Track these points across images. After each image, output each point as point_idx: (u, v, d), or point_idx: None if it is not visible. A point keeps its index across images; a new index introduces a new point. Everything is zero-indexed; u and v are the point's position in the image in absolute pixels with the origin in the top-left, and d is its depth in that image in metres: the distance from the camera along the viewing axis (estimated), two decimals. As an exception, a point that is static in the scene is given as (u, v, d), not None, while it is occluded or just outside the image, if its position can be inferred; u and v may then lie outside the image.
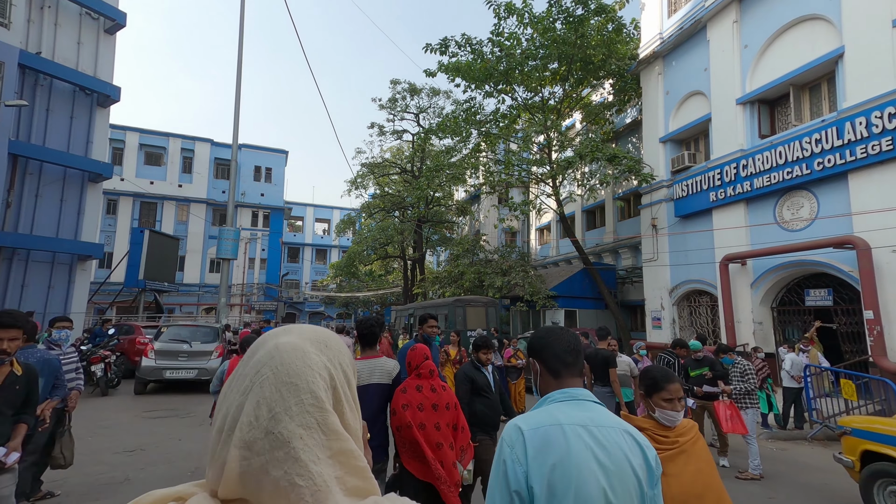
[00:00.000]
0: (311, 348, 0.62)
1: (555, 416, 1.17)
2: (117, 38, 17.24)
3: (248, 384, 0.58)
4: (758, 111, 10.17)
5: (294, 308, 43.39)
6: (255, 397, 0.57)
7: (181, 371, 9.38)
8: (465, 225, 30.41)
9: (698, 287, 11.53)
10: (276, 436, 0.54)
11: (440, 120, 18.40)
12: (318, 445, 0.56)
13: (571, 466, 1.08)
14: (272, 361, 0.59)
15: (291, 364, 0.59)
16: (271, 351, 0.61)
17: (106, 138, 17.30)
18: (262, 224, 35.76)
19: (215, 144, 34.03)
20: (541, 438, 1.12)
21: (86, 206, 16.71)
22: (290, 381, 0.58)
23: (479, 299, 15.17)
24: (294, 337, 0.63)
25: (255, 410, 0.55)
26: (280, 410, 0.55)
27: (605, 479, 1.08)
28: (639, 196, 18.38)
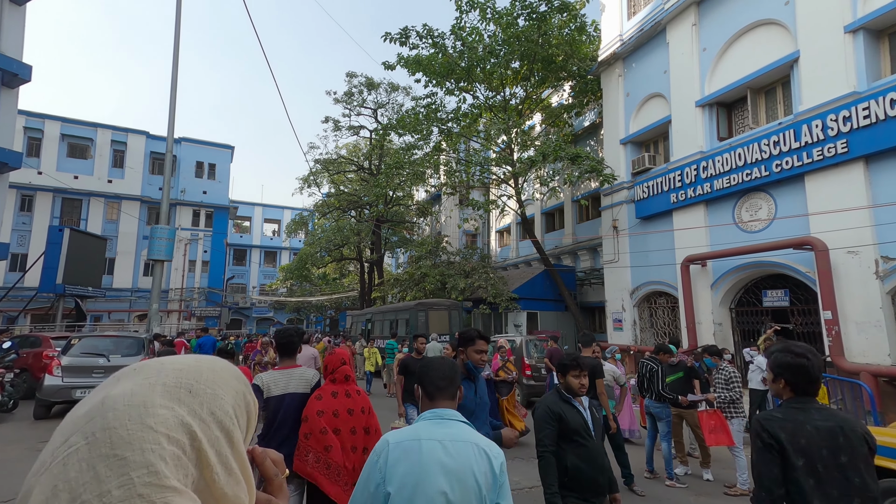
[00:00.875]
0: (158, 399, 0.45)
1: (417, 432, 1.47)
2: (27, 9, 15.13)
3: (46, 458, 0.41)
4: (716, 114, 10.31)
5: (240, 314, 40.81)
6: (52, 480, 0.39)
7: (95, 390, 8.03)
8: (426, 226, 29.75)
9: (659, 288, 11.55)
10: None
11: (400, 116, 17.67)
12: None
13: (420, 472, 1.36)
14: (89, 426, 0.42)
15: (119, 428, 0.42)
16: (94, 409, 0.43)
17: (13, 123, 15.13)
18: (204, 224, 33.18)
19: (151, 137, 31.28)
20: (401, 450, 1.41)
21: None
22: (112, 452, 0.40)
23: (442, 302, 14.57)
24: (136, 383, 0.46)
25: (45, 501, 0.37)
26: (91, 498, 0.38)
27: (447, 482, 1.36)
28: (598, 198, 18.56)
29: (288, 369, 2.99)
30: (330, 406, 2.62)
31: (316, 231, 28.05)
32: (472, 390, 2.62)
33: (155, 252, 15.00)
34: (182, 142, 32.36)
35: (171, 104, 15.98)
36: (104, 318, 28.00)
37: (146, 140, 31.05)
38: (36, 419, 7.80)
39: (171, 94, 16.01)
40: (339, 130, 22.54)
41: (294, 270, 27.94)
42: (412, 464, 1.37)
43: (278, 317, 41.93)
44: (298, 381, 2.92)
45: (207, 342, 11.84)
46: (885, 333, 6.89)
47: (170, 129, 15.90)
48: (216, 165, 33.78)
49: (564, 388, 2.49)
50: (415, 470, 1.36)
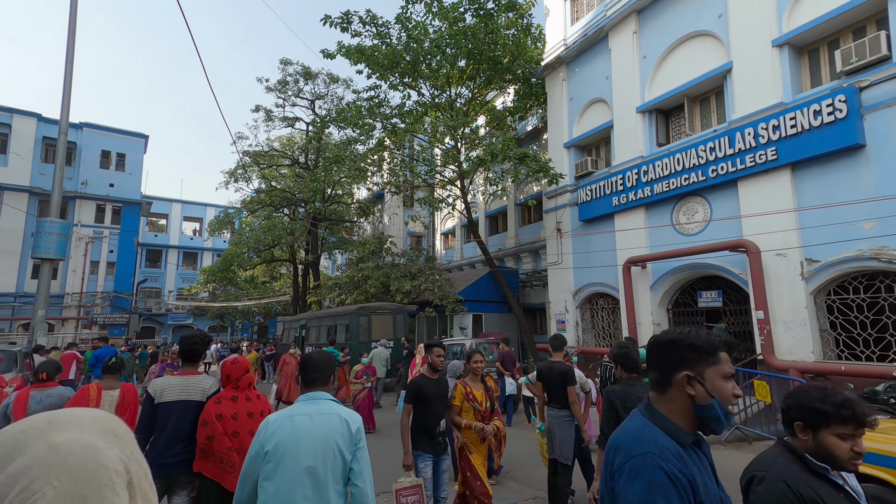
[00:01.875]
0: (101, 442, 0.52)
1: (292, 410, 1.94)
2: None
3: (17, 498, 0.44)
4: (656, 120, 10.68)
5: (154, 321, 36.83)
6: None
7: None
8: (368, 226, 28.61)
9: (600, 290, 11.74)
10: None
11: (341, 108, 16.65)
12: None
13: (290, 438, 1.82)
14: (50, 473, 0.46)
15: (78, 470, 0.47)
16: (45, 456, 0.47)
17: None
18: (110, 220, 29.32)
19: (44, 121, 27.21)
20: (278, 424, 1.86)
21: None
22: (77, 494, 0.46)
23: (386, 306, 13.81)
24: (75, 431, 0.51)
25: None
26: None
27: (312, 443, 1.83)
28: (540, 202, 18.90)
29: (186, 376, 2.97)
30: (230, 410, 2.72)
31: (244, 230, 25.85)
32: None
33: (42, 249, 12.62)
34: (84, 127, 28.53)
35: (66, 69, 13.64)
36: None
37: (37, 123, 26.94)
38: None
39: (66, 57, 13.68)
40: (271, 121, 20.85)
41: (217, 273, 25.49)
42: (286, 433, 1.83)
43: (198, 324, 38.34)
44: (194, 389, 2.90)
45: (105, 354, 10.10)
46: (809, 332, 7.33)
47: (64, 98, 13.51)
48: (126, 156, 30.08)
49: (819, 455, 1.45)
50: (287, 437, 1.82)
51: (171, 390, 2.87)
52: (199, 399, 2.89)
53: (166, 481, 2.77)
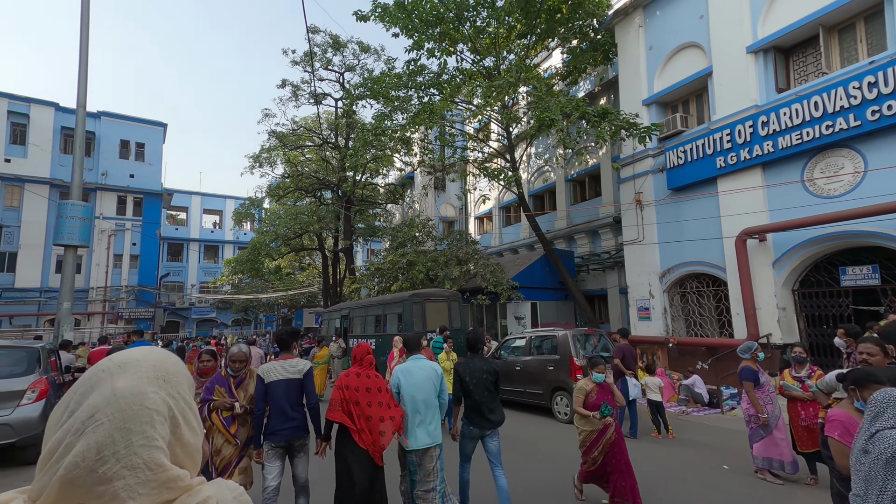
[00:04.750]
0: (149, 388, 0.68)
1: (408, 364, 3.70)
2: None
3: (80, 427, 0.62)
4: (774, 60, 8.85)
5: (178, 315, 36.20)
6: (87, 441, 0.61)
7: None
8: (397, 212, 27.15)
9: (698, 269, 10.05)
10: (99, 475, 0.61)
11: (374, 77, 15.08)
12: (140, 482, 0.63)
13: (410, 375, 3.58)
14: (108, 409, 0.64)
15: (128, 410, 0.64)
16: (108, 397, 0.65)
17: None
18: (132, 212, 28.47)
19: (62, 110, 26.28)
20: (402, 369, 3.65)
21: None
22: (124, 426, 0.63)
23: (440, 293, 12.35)
24: (131, 378, 0.67)
25: (83, 453, 0.60)
26: (108, 454, 0.61)
27: (424, 377, 3.59)
28: (594, 178, 17.15)
29: (285, 360, 3.71)
30: (355, 383, 3.44)
31: (270, 217, 24.63)
32: None
33: (65, 235, 11.59)
34: (102, 117, 27.57)
35: (81, 53, 12.45)
36: (3, 322, 23.13)
37: (55, 113, 26.04)
38: None
39: (81, 41, 12.47)
40: (298, 98, 19.38)
41: (245, 262, 24.35)
42: (407, 372, 3.60)
43: (222, 317, 37.66)
44: (292, 369, 3.64)
45: None
46: None
47: (81, 79, 12.37)
48: (145, 145, 29.11)
49: None
50: (408, 375, 3.58)
51: (275, 372, 3.59)
52: (298, 377, 3.63)
53: (285, 444, 3.53)
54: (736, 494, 4.34)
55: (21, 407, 5.57)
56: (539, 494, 4.48)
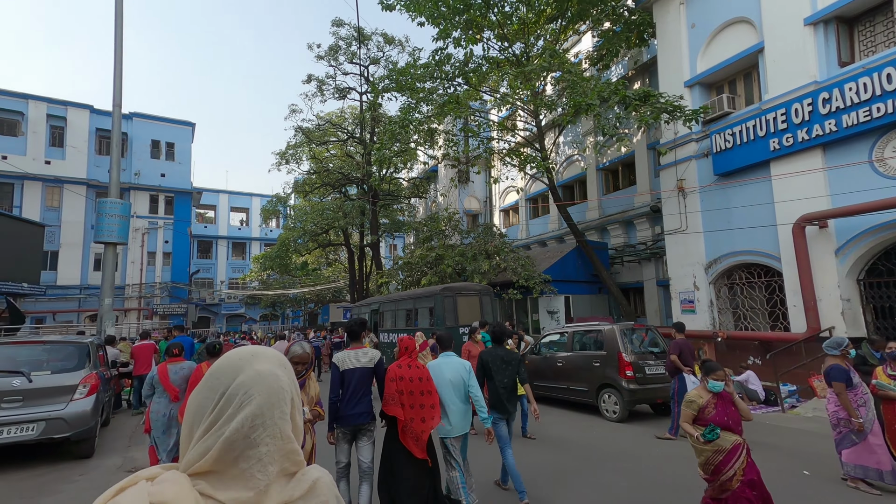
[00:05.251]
0: (279, 372, 0.81)
1: (439, 360, 3.96)
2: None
3: (238, 401, 0.75)
4: (836, 32, 8.22)
5: (208, 311, 37.07)
6: (246, 412, 0.75)
7: (7, 429, 5.14)
8: (419, 207, 27.04)
9: (749, 259, 9.51)
10: (251, 440, 0.74)
11: (401, 68, 14.86)
12: (276, 450, 0.76)
13: (440, 371, 3.83)
14: (258, 386, 0.77)
15: (272, 388, 0.79)
16: (255, 377, 0.78)
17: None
18: (163, 211, 29.21)
19: (97, 112, 27.05)
20: (434, 366, 3.88)
21: None
22: (269, 401, 0.77)
23: (472, 287, 12.13)
24: (267, 363, 0.81)
25: (243, 420, 0.74)
26: (259, 424, 0.75)
27: (451, 374, 3.82)
28: (628, 166, 16.55)
29: (356, 349, 3.84)
30: (407, 374, 3.61)
31: (297, 213, 24.88)
32: None
33: (105, 232, 11.83)
34: (134, 118, 28.25)
35: (116, 55, 12.64)
36: (47, 319, 24.07)
37: (90, 115, 26.84)
38: None
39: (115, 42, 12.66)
40: (323, 93, 19.35)
41: (274, 258, 24.71)
42: (437, 369, 3.81)
43: (250, 312, 38.44)
44: (363, 358, 3.79)
45: (184, 343, 9.09)
46: None
47: (116, 79, 12.58)
48: (175, 145, 29.78)
49: None
50: (437, 371, 3.80)
51: (349, 360, 3.74)
52: (369, 366, 3.79)
53: (353, 429, 3.70)
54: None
55: (74, 401, 5.63)
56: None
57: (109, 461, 5.68)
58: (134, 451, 6.11)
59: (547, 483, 4.62)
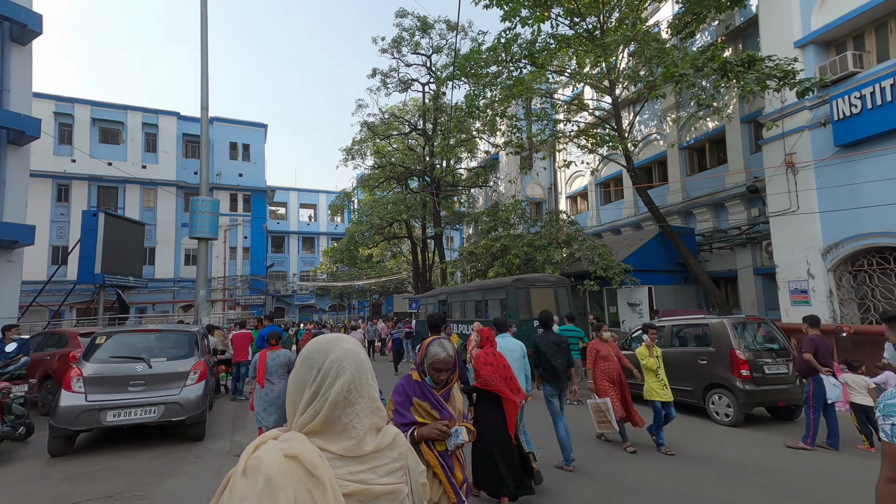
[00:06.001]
0: (357, 349, 1.04)
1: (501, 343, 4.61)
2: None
3: (335, 372, 0.97)
4: None
5: (282, 302, 39.37)
6: (342, 379, 0.96)
7: (134, 411, 5.61)
8: (479, 197, 26.72)
9: (879, 242, 8.20)
10: (349, 400, 0.96)
11: (465, 54, 14.50)
12: (367, 407, 0.99)
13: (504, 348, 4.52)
14: (348, 360, 0.99)
15: (358, 361, 1.01)
16: (345, 354, 1.00)
17: (29, 85, 12.96)
18: (242, 209, 31.37)
19: (183, 118, 29.38)
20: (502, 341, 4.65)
21: (6, 176, 12.46)
22: (358, 370, 0.99)
23: (545, 278, 11.67)
24: (351, 343, 1.04)
25: (342, 386, 0.96)
26: (353, 387, 0.97)
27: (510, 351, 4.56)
28: (717, 143, 15.05)
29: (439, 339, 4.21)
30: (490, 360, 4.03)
31: (363, 208, 25.63)
32: None
33: (198, 228, 12.73)
34: (214, 122, 30.35)
35: (202, 63, 13.47)
36: (148, 309, 26.73)
37: (177, 121, 29.20)
38: (52, 455, 5.45)
39: (201, 51, 13.49)
40: (387, 86, 19.52)
41: (343, 252, 25.69)
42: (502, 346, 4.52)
43: (320, 303, 40.34)
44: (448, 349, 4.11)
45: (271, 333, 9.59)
46: None
47: (203, 87, 13.43)
48: (250, 146, 31.75)
49: None
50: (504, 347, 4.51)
51: None
52: None
53: None
54: None
55: (187, 387, 6.01)
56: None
57: (218, 445, 6.01)
58: (238, 436, 6.44)
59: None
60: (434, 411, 2.29)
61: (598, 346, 5.64)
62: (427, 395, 2.33)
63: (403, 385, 2.41)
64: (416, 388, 2.36)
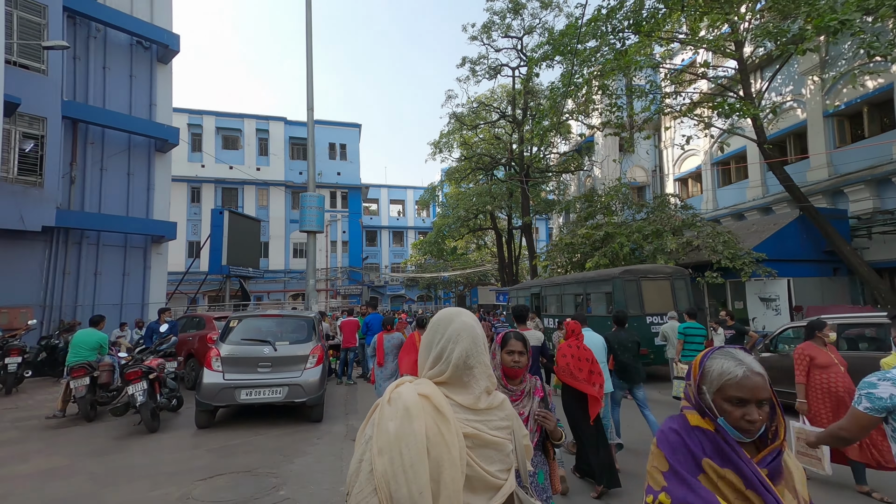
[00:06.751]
0: (475, 324, 1.23)
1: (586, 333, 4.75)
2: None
3: (454, 339, 1.18)
4: None
5: (376, 292, 41.44)
6: (460, 347, 1.17)
7: (263, 391, 6.04)
8: (571, 183, 25.37)
9: None
10: (468, 364, 1.17)
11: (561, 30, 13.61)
12: (482, 372, 1.19)
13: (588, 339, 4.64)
14: (464, 331, 1.19)
15: (473, 332, 1.20)
16: (462, 325, 1.20)
17: (170, 100, 14.91)
18: (340, 205, 33.58)
19: (289, 123, 32.08)
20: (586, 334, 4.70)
21: (155, 179, 14.50)
22: (473, 340, 1.19)
23: (660, 269, 10.54)
24: (468, 318, 1.23)
25: (460, 352, 1.17)
26: (469, 354, 1.17)
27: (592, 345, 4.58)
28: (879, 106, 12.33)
29: (523, 331, 4.64)
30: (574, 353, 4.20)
31: (449, 200, 25.82)
32: None
33: (307, 222, 13.64)
34: (315, 124, 32.60)
35: (307, 67, 14.35)
36: (264, 297, 29.72)
37: (284, 126, 31.89)
38: (199, 427, 6.07)
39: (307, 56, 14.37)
40: (476, 74, 19.23)
41: (432, 244, 26.19)
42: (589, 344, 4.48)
43: (409, 293, 41.79)
44: (531, 339, 4.81)
45: (375, 319, 10.02)
46: None
47: (308, 89, 14.33)
48: (346, 146, 33.71)
49: None
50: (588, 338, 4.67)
51: None
52: (537, 345, 5.09)
53: None
54: None
55: (307, 370, 6.33)
56: None
57: (335, 427, 6.24)
58: (352, 420, 6.64)
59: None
60: (751, 493, 1.14)
61: (814, 352, 4.19)
62: (734, 459, 1.18)
63: (678, 432, 1.28)
64: (707, 442, 1.24)
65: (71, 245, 12.44)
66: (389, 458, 1.00)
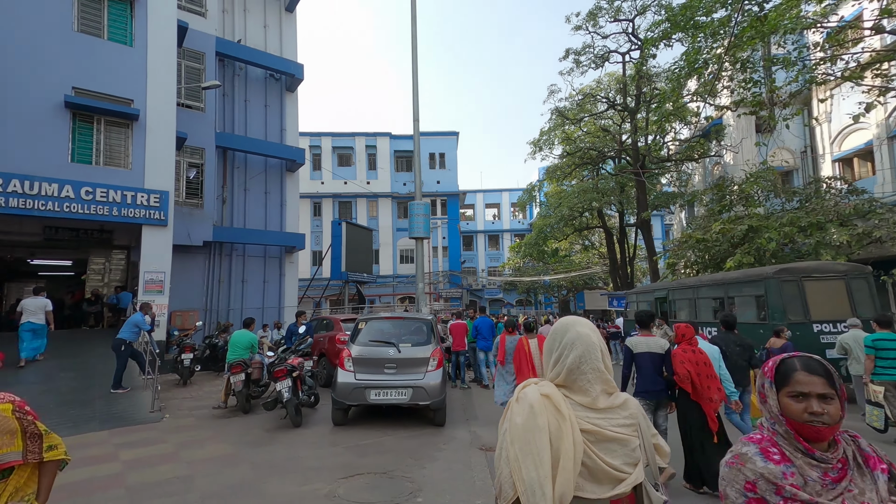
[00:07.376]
0: (590, 332, 1.38)
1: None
2: (297, 14, 16.35)
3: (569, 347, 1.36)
4: None
5: (473, 295, 41.61)
6: (574, 353, 1.34)
7: (390, 392, 6.20)
8: (694, 174, 22.65)
9: None
10: (581, 369, 1.33)
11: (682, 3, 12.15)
12: (596, 377, 1.33)
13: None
14: (579, 340, 1.36)
15: (586, 342, 1.35)
16: (577, 335, 1.37)
17: (297, 124, 16.64)
18: (440, 212, 34.57)
19: (394, 137, 33.97)
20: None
21: (286, 196, 16.29)
22: (587, 349, 1.34)
23: (829, 267, 8.72)
24: (583, 328, 1.39)
25: (573, 358, 1.34)
26: (584, 360, 1.33)
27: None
28: None
29: (647, 336, 4.55)
30: (690, 357, 4.16)
31: (550, 200, 24.81)
32: None
33: (415, 229, 14.14)
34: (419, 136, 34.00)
35: (413, 80, 14.92)
36: (376, 301, 31.66)
37: (390, 140, 33.81)
38: (335, 425, 6.43)
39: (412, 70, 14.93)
40: (580, 65, 18.20)
41: (532, 246, 25.40)
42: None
43: (507, 297, 41.15)
44: (654, 345, 4.46)
45: (484, 323, 9.87)
46: None
47: (414, 101, 14.90)
48: (445, 154, 34.63)
49: None
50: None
51: (640, 345, 4.46)
52: (660, 352, 4.44)
53: (654, 402, 4.40)
54: None
55: (429, 373, 6.36)
56: None
57: (458, 433, 6.14)
58: (474, 426, 6.49)
59: None
60: None
61: None
62: None
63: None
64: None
65: (223, 257, 14.46)
66: (520, 447, 1.23)
